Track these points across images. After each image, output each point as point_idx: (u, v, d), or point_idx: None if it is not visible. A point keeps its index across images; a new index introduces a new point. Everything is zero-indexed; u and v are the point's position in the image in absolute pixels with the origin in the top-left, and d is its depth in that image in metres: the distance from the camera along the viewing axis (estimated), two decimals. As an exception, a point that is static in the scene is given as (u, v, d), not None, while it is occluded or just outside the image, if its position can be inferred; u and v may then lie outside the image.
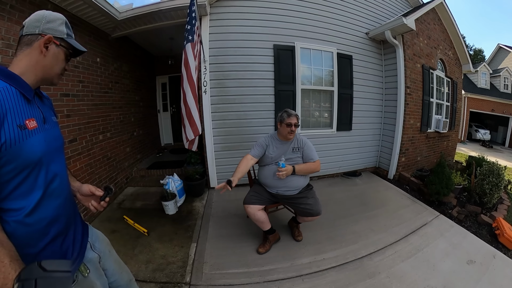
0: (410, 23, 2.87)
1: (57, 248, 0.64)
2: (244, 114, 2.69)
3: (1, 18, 1.38)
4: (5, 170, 0.53)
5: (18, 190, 0.56)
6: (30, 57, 0.60)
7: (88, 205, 0.75)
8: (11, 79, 0.58)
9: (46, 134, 0.64)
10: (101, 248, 0.83)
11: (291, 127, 1.52)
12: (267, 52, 2.67)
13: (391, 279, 1.45)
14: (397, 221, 2.16)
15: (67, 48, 0.66)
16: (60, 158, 0.70)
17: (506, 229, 2.05)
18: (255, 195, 1.61)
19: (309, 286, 1.39)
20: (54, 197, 0.64)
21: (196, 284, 1.41)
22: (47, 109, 0.71)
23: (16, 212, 0.56)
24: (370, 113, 3.43)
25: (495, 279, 1.49)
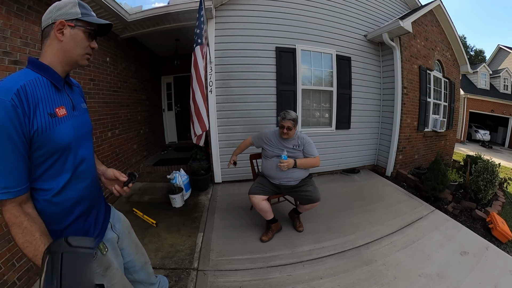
0: (407, 25, 2.96)
1: (80, 226, 0.68)
2: (248, 113, 2.79)
3: (19, 18, 1.44)
4: (36, 155, 0.57)
5: (48, 172, 0.60)
6: (51, 47, 0.62)
7: (112, 189, 0.78)
8: (42, 70, 0.61)
9: (75, 121, 0.67)
10: (121, 229, 0.87)
11: (283, 129, 1.62)
12: (270, 54, 2.78)
13: (387, 267, 1.53)
14: (393, 214, 2.23)
15: (85, 26, 0.64)
16: (88, 143, 0.73)
17: (499, 223, 2.11)
18: (259, 186, 1.70)
19: (309, 271, 1.47)
20: (81, 179, 0.67)
21: (204, 269, 1.49)
22: (77, 96, 0.74)
23: (45, 192, 0.60)
24: (368, 112, 3.51)
25: (487, 269, 1.55)
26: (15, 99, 0.52)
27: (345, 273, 1.46)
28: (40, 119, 0.56)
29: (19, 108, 0.52)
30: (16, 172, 0.53)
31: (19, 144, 0.52)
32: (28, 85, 0.56)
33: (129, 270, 0.93)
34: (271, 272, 1.47)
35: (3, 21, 1.34)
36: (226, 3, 2.62)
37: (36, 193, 0.59)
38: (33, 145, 0.56)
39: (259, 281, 1.39)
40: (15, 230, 0.53)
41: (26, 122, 0.54)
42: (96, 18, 0.67)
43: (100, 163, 0.85)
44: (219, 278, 1.42)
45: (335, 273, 1.46)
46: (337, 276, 1.43)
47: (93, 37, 0.67)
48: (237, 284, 1.37)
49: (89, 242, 0.48)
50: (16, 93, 0.52)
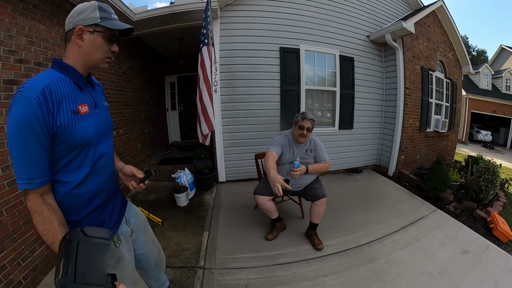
0: (409, 26, 2.98)
1: (96, 218, 0.71)
2: (252, 113, 2.82)
3: (25, 17, 1.44)
4: (58, 149, 0.61)
5: (69, 166, 0.63)
6: (72, 50, 0.66)
7: (128, 185, 0.81)
8: (65, 70, 0.65)
9: (96, 118, 0.70)
10: (136, 223, 0.89)
11: (302, 130, 1.52)
12: (274, 54, 2.81)
13: (390, 265, 1.56)
14: (395, 214, 2.27)
15: (104, 31, 0.65)
16: (108, 139, 0.76)
17: (500, 223, 2.13)
18: (265, 187, 1.71)
19: (314, 269, 1.51)
20: (99, 174, 0.70)
21: (210, 267, 1.52)
22: (99, 95, 0.78)
23: (65, 184, 0.64)
24: (370, 112, 3.54)
25: (488, 268, 1.58)
26: (40, 97, 0.55)
27: (349, 270, 1.50)
28: (63, 116, 0.60)
29: (44, 105, 0.56)
30: (39, 165, 0.57)
31: (42, 139, 0.56)
32: (53, 84, 0.60)
33: (141, 262, 0.95)
34: (276, 270, 1.50)
35: (8, 20, 1.33)
36: (231, 3, 2.65)
37: (57, 185, 0.63)
38: (56, 140, 0.59)
39: (265, 279, 1.42)
40: (36, 218, 0.57)
41: (50, 118, 0.57)
42: (116, 22, 0.68)
43: (118, 160, 0.88)
44: (226, 276, 1.45)
45: (339, 271, 1.49)
46: (341, 274, 1.47)
47: (113, 40, 0.68)
48: (243, 282, 1.39)
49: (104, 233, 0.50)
50: (41, 91, 0.56)
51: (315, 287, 1.36)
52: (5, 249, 1.24)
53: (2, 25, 1.29)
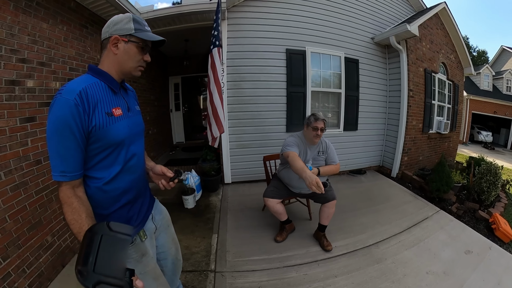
0: (413, 29, 3.06)
1: (124, 213, 0.75)
2: (258, 114, 2.87)
3: (27, 14, 1.41)
4: (92, 147, 0.66)
5: (101, 163, 0.68)
6: (108, 57, 0.71)
7: (158, 183, 0.86)
8: (100, 75, 0.71)
9: (129, 121, 0.75)
10: (160, 221, 0.93)
11: (317, 131, 1.55)
12: (280, 56, 2.86)
13: (397, 265, 1.63)
14: (400, 215, 2.34)
15: (138, 42, 0.70)
16: (139, 141, 0.81)
17: (502, 224, 2.21)
18: (274, 190, 1.76)
19: (324, 270, 1.57)
20: (130, 172, 0.75)
21: (221, 271, 1.54)
22: (132, 99, 0.83)
23: (97, 180, 0.69)
24: (374, 114, 3.62)
25: (491, 267, 1.65)
26: (77, 99, 0.61)
27: (357, 271, 1.56)
28: (98, 117, 0.65)
29: (80, 106, 0.61)
30: (73, 160, 0.62)
31: (78, 137, 0.61)
32: (89, 87, 0.65)
33: (160, 261, 0.99)
34: (288, 271, 1.54)
35: (10, 17, 1.29)
36: (238, 4, 2.69)
37: (89, 180, 0.68)
38: (90, 139, 0.65)
39: (277, 281, 1.46)
40: (66, 208, 0.62)
41: (86, 118, 0.63)
42: (149, 34, 0.73)
43: (149, 159, 0.93)
44: (238, 279, 1.48)
45: (348, 271, 1.56)
46: (350, 274, 1.53)
47: (146, 50, 0.74)
48: (255, 285, 1.43)
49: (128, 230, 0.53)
50: (78, 94, 0.62)
51: (326, 287, 1.42)
52: (9, 257, 1.22)
53: (4, 23, 1.25)
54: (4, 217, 1.22)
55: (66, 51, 1.72)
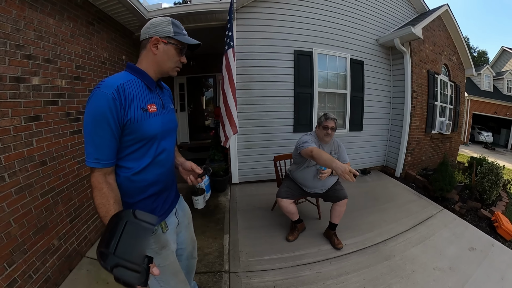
0: (417, 32, 3.16)
1: (149, 204, 0.79)
2: (266, 114, 2.95)
3: (34, 9, 1.38)
4: (126, 139, 0.71)
5: (132, 154, 0.73)
6: (147, 57, 0.76)
7: (187, 178, 0.89)
8: (138, 73, 0.75)
9: (163, 117, 0.80)
10: (182, 218, 0.97)
11: (327, 130, 1.62)
12: (288, 57, 2.94)
13: (405, 261, 1.72)
14: (405, 213, 2.44)
15: (176, 44, 0.75)
16: (171, 137, 0.85)
17: (503, 222, 2.32)
18: (288, 190, 1.82)
19: (337, 268, 1.64)
20: (159, 166, 0.79)
21: (236, 271, 1.57)
22: (166, 98, 0.88)
23: (127, 170, 0.73)
24: (379, 115, 3.73)
25: (494, 263, 1.74)
26: (115, 93, 0.66)
27: (368, 268, 1.64)
28: (134, 112, 0.70)
29: (117, 100, 0.66)
30: (107, 149, 0.67)
31: (113, 128, 0.66)
32: (126, 84, 0.70)
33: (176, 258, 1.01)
34: (301, 270, 1.60)
35: (16, 12, 1.25)
36: (247, 5, 2.74)
37: (119, 170, 0.73)
38: (125, 131, 0.70)
39: (291, 280, 1.51)
40: (95, 192, 0.66)
41: (122, 112, 0.68)
42: (186, 37, 0.78)
43: (179, 155, 0.97)
44: (252, 279, 1.51)
45: (359, 268, 1.63)
46: (361, 271, 1.60)
47: (183, 52, 0.79)
48: (271, 284, 1.47)
49: (152, 219, 0.55)
50: (116, 89, 0.67)
51: (339, 284, 1.49)
52: (15, 262, 1.19)
53: (9, 17, 1.22)
54: (8, 221, 1.18)
55: (73, 48, 1.70)
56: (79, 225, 1.71)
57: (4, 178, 1.18)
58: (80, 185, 1.75)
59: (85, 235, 1.77)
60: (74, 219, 1.68)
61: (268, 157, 2.90)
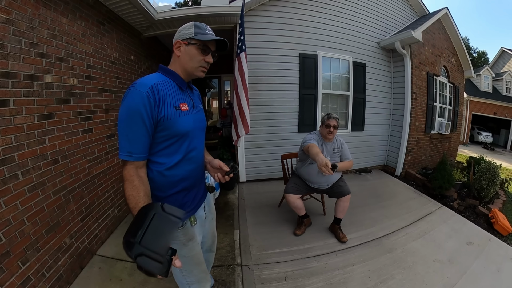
0: (417, 35, 3.28)
1: (179, 198, 0.82)
2: (272, 115, 3.06)
3: (48, 8, 1.39)
4: (159, 135, 0.75)
5: (165, 150, 0.77)
6: (174, 59, 0.82)
7: (214, 176, 0.92)
8: (170, 74, 0.81)
9: (194, 116, 0.84)
10: (208, 213, 1.02)
11: (329, 128, 1.77)
12: (294, 59, 3.05)
13: (406, 254, 1.82)
14: (406, 210, 2.54)
15: (197, 43, 0.77)
16: (201, 135, 0.89)
17: (500, 218, 2.42)
18: (295, 186, 1.93)
19: (342, 259, 1.74)
20: (190, 162, 0.83)
21: (248, 264, 1.66)
22: (196, 98, 0.92)
23: (159, 165, 0.77)
24: (380, 115, 3.84)
25: (491, 257, 1.84)
26: (149, 92, 0.71)
27: (372, 259, 1.74)
28: (167, 109, 0.74)
29: (151, 98, 0.71)
30: (140, 143, 0.71)
31: (147, 124, 0.71)
32: (160, 84, 0.75)
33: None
34: (309, 262, 1.69)
35: (31, 10, 1.27)
36: (254, 8, 2.83)
37: (152, 164, 0.77)
38: (158, 127, 0.74)
39: (301, 271, 1.60)
40: (126, 184, 0.70)
41: (155, 109, 0.72)
42: (206, 35, 0.79)
43: (208, 153, 1.01)
44: (264, 271, 1.59)
45: (364, 260, 1.74)
46: (366, 263, 1.71)
47: (207, 51, 0.79)
48: (281, 275, 1.56)
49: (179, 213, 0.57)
50: (150, 87, 0.71)
51: (346, 275, 1.59)
52: (29, 260, 1.20)
53: (25, 15, 1.23)
54: (22, 219, 1.19)
55: (84, 48, 1.72)
56: (90, 223, 1.74)
57: (18, 176, 1.18)
58: (91, 184, 1.78)
59: (95, 233, 1.80)
60: (85, 217, 1.70)
61: (273, 156, 3.01)
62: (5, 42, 1.13)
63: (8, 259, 1.10)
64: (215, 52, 0.83)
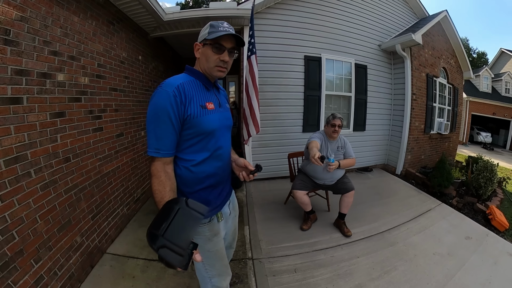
0: (417, 38, 3.38)
1: (205, 195, 0.84)
2: (278, 115, 3.15)
3: (61, 7, 1.40)
4: (186, 133, 0.77)
5: (192, 147, 0.79)
6: (197, 61, 0.86)
7: (239, 174, 0.93)
8: (195, 74, 0.83)
9: (220, 115, 0.86)
10: (232, 210, 1.05)
11: (334, 127, 1.89)
12: (299, 62, 3.15)
13: (407, 247, 1.92)
14: (406, 207, 2.64)
15: (209, 43, 0.78)
16: (227, 134, 0.91)
17: (497, 215, 2.52)
18: (302, 183, 2.03)
19: (348, 252, 1.84)
20: (217, 160, 0.84)
21: (259, 258, 1.73)
22: (223, 98, 0.95)
23: (186, 162, 0.79)
24: (381, 116, 3.95)
25: (488, 250, 1.93)
26: (175, 91, 0.73)
27: (375, 252, 1.84)
28: (193, 108, 0.77)
29: (178, 97, 0.73)
30: (167, 140, 0.74)
31: (174, 122, 0.73)
32: (186, 84, 0.78)
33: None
34: (317, 255, 1.79)
35: (45, 8, 1.28)
36: (261, 11, 2.92)
37: (180, 161, 0.80)
38: (185, 125, 0.76)
39: (309, 263, 1.70)
40: (154, 179, 0.73)
41: (182, 108, 0.74)
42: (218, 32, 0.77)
43: (233, 152, 1.02)
44: (274, 264, 1.68)
45: (367, 253, 1.84)
46: (370, 255, 1.81)
47: (221, 50, 0.78)
48: (291, 267, 1.64)
49: (203, 209, 0.59)
50: (176, 87, 0.74)
51: (351, 266, 1.69)
52: (41, 259, 1.20)
53: (39, 13, 1.24)
54: (35, 218, 1.18)
55: (95, 47, 1.73)
56: (100, 221, 1.75)
57: (31, 173, 1.18)
58: (101, 182, 1.79)
59: (105, 232, 1.81)
60: (96, 215, 1.70)
61: (279, 155, 3.11)
62: (20, 39, 1.14)
63: (22, 257, 1.10)
64: (233, 49, 0.81)
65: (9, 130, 1.09)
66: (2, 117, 1.07)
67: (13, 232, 1.08)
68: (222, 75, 0.83)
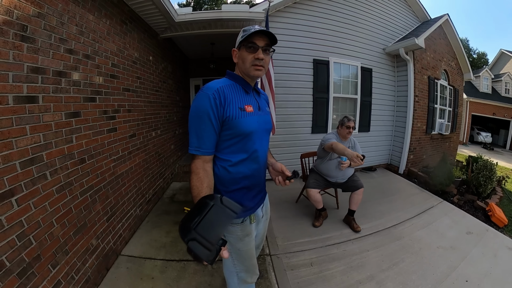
0: (420, 42, 3.53)
1: (240, 195, 0.86)
2: (288, 117, 3.28)
3: (77, 4, 1.38)
4: (225, 133, 0.80)
5: (230, 148, 0.82)
6: (236, 66, 0.90)
7: (275, 179, 0.90)
8: (235, 78, 0.87)
9: (259, 118, 0.87)
10: (264, 213, 1.07)
11: (349, 129, 2.03)
12: (308, 65, 3.28)
13: (413, 241, 2.06)
14: (410, 204, 2.79)
15: (243, 44, 0.82)
16: (265, 137, 0.92)
17: (497, 212, 2.65)
18: (315, 182, 2.17)
19: (358, 246, 1.98)
20: (253, 162, 0.86)
21: (276, 253, 1.82)
22: (263, 101, 0.96)
23: (224, 162, 0.83)
24: (384, 117, 4.09)
25: (488, 244, 2.06)
26: (215, 94, 0.78)
27: (383, 246, 1.98)
28: (232, 110, 0.80)
29: (217, 99, 0.77)
30: (207, 140, 0.78)
31: (213, 122, 0.77)
32: (225, 87, 0.82)
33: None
34: (330, 249, 1.91)
35: (61, 5, 1.26)
36: (271, 15, 2.99)
37: (219, 161, 0.84)
38: (224, 126, 0.80)
39: (324, 257, 1.81)
40: (193, 176, 0.76)
41: (221, 110, 0.78)
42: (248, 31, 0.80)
43: (271, 156, 1.02)
44: (292, 259, 1.77)
45: (376, 246, 1.97)
46: (379, 249, 1.94)
47: (255, 49, 0.81)
48: (307, 261, 1.75)
49: (236, 208, 0.60)
50: (216, 90, 0.78)
51: (362, 259, 1.82)
52: (59, 263, 1.17)
53: (56, 10, 1.22)
54: (51, 221, 1.15)
55: (109, 46, 1.72)
56: (114, 223, 1.73)
57: (46, 176, 1.14)
58: (115, 183, 1.77)
59: (120, 233, 1.79)
60: (110, 217, 1.68)
61: (289, 156, 3.24)
62: (36, 36, 1.11)
63: (39, 262, 1.07)
64: (267, 46, 0.83)
65: (24, 130, 1.05)
66: (18, 117, 1.02)
67: (30, 237, 1.05)
68: (260, 73, 0.84)
